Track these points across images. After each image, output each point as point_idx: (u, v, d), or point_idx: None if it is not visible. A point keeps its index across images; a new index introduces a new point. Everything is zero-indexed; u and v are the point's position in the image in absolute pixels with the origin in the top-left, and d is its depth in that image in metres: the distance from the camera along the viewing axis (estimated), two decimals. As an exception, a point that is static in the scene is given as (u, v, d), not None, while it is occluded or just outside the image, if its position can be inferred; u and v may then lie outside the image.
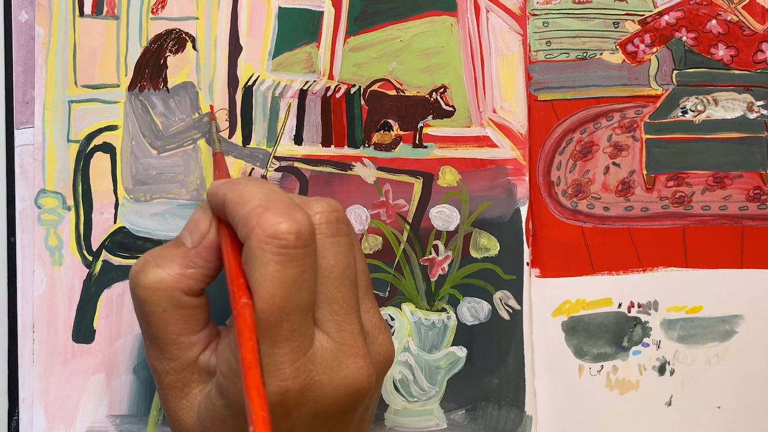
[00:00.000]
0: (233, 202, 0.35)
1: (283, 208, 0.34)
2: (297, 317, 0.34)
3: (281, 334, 0.33)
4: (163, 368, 0.37)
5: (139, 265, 0.37)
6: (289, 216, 0.34)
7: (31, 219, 0.46)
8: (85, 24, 0.47)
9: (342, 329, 0.35)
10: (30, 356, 0.46)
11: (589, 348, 0.47)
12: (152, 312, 0.36)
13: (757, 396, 0.47)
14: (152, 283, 0.36)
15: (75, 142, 0.46)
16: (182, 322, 0.36)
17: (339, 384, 0.35)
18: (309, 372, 0.34)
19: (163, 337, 0.37)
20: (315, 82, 0.47)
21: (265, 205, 0.34)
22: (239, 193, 0.35)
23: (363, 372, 0.36)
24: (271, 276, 0.33)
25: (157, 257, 0.37)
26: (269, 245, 0.33)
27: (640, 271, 0.47)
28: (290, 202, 0.35)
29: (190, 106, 0.47)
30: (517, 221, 0.47)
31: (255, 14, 0.47)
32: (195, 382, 0.37)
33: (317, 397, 0.35)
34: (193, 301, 0.37)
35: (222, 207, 0.36)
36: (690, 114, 0.48)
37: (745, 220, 0.48)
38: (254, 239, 0.33)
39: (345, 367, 0.35)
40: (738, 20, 0.48)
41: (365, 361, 0.36)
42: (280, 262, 0.33)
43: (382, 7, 0.47)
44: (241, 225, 0.34)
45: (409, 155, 0.47)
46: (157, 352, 0.37)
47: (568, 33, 0.48)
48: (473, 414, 0.47)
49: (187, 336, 0.37)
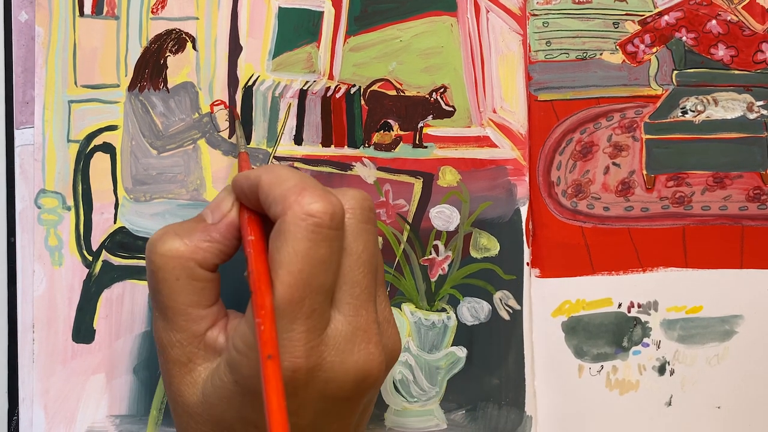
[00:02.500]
0: (269, 182, 0.36)
1: (319, 190, 0.35)
2: (319, 297, 0.34)
3: (302, 311, 0.34)
4: (170, 340, 0.37)
5: (158, 234, 0.38)
6: (325, 198, 0.35)
7: (31, 219, 0.46)
8: (85, 24, 0.47)
9: (359, 314, 0.36)
10: (30, 356, 0.46)
11: (589, 348, 0.47)
12: (165, 279, 0.37)
13: (757, 396, 0.47)
14: (168, 250, 0.37)
15: (75, 142, 0.46)
16: (193, 294, 0.37)
17: (350, 368, 0.35)
18: (321, 352, 0.35)
19: (173, 306, 0.37)
20: (315, 82, 0.47)
21: (303, 185, 0.35)
22: (276, 174, 0.36)
23: (374, 358, 0.36)
24: (302, 252, 0.34)
25: (177, 228, 0.38)
26: (305, 222, 0.34)
27: (640, 271, 0.47)
28: (324, 186, 0.36)
29: (190, 106, 0.47)
30: (517, 221, 0.47)
31: (255, 14, 0.47)
32: (200, 358, 0.37)
33: (327, 378, 0.35)
34: (206, 275, 0.37)
35: (254, 188, 0.36)
36: (690, 114, 0.48)
37: (745, 220, 0.48)
38: (291, 215, 0.34)
39: (357, 352, 0.36)
40: (738, 20, 0.48)
41: (377, 348, 0.36)
42: (313, 240, 0.34)
43: (382, 7, 0.47)
44: (277, 201, 0.35)
45: (409, 155, 0.47)
46: (165, 324, 0.38)
47: (568, 33, 0.48)
48: (473, 414, 0.47)
49: (197, 309, 0.37)
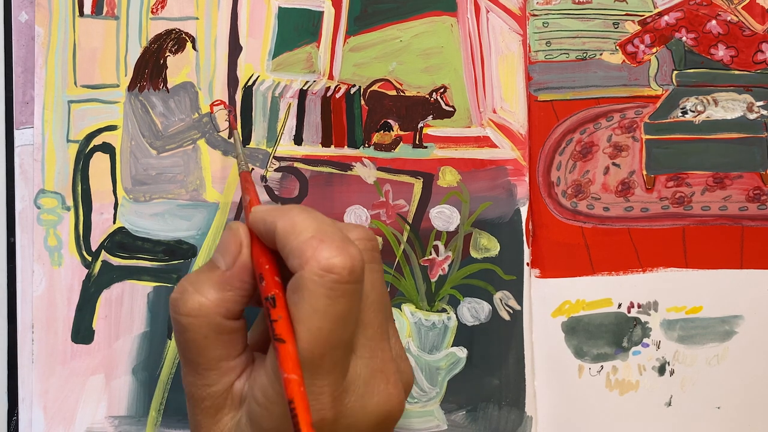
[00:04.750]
0: (285, 231, 0.35)
1: (338, 241, 0.34)
2: (340, 351, 0.34)
3: (323, 367, 0.33)
4: (201, 395, 0.37)
5: (178, 292, 0.37)
6: (344, 250, 0.33)
7: (30, 219, 0.46)
8: (85, 24, 0.47)
9: (375, 355, 0.36)
10: (29, 356, 0.46)
11: (589, 348, 0.47)
12: (193, 339, 0.36)
13: (757, 396, 0.47)
14: (192, 309, 0.36)
15: (74, 142, 0.46)
16: (223, 348, 0.36)
17: (371, 411, 0.35)
18: (343, 400, 0.34)
19: (203, 363, 0.36)
20: (315, 82, 0.47)
21: (321, 237, 0.34)
22: (292, 222, 0.35)
23: (394, 398, 0.36)
24: (321, 310, 0.33)
25: (195, 283, 0.36)
26: (323, 278, 0.33)
27: (639, 271, 0.47)
28: (343, 235, 0.35)
29: (189, 106, 0.47)
30: (517, 221, 0.47)
31: (255, 14, 0.47)
32: (228, 408, 0.37)
33: (350, 424, 0.35)
34: (233, 325, 0.37)
35: (271, 234, 0.35)
36: (690, 114, 0.48)
37: (745, 220, 0.48)
38: (308, 271, 0.33)
39: (377, 394, 0.35)
40: (738, 21, 0.48)
41: (396, 387, 0.36)
42: (331, 297, 0.33)
43: (382, 7, 0.47)
44: (294, 255, 0.34)
45: (409, 155, 0.47)
46: (194, 379, 0.37)
47: (568, 33, 0.48)
48: (473, 415, 0.47)
49: (227, 361, 0.36)
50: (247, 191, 0.41)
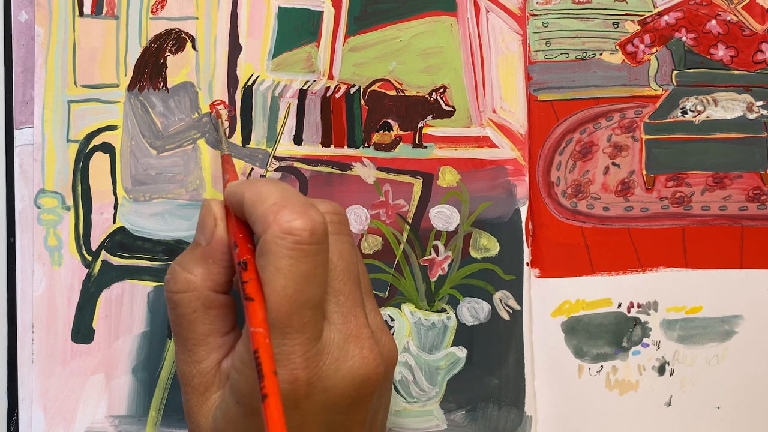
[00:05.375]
0: (251, 200, 0.36)
1: (299, 206, 0.35)
2: (308, 311, 0.35)
3: (292, 326, 0.34)
4: (191, 371, 0.38)
5: (169, 274, 0.39)
6: (304, 213, 0.35)
7: (30, 219, 0.46)
8: (85, 24, 0.47)
9: (348, 321, 0.37)
10: (29, 356, 0.46)
11: (588, 348, 0.47)
12: (184, 314, 0.38)
13: (756, 396, 0.47)
14: (182, 286, 0.38)
15: (74, 142, 0.46)
16: (211, 323, 0.38)
17: (346, 374, 0.36)
18: (317, 362, 0.35)
19: (192, 338, 0.38)
20: (315, 82, 0.47)
21: (282, 203, 0.35)
22: (257, 192, 0.37)
23: (369, 362, 0.36)
24: (284, 269, 0.34)
25: (181, 262, 0.39)
26: (284, 240, 0.34)
27: (639, 271, 0.47)
28: (306, 200, 0.36)
29: (189, 106, 0.47)
30: (517, 221, 0.47)
31: (255, 14, 0.47)
32: (215, 386, 0.38)
33: (326, 387, 0.35)
34: (221, 299, 0.38)
35: (240, 205, 0.37)
36: (690, 114, 0.48)
37: (745, 220, 0.48)
38: (270, 234, 0.35)
39: (351, 358, 0.36)
40: (738, 20, 0.48)
41: (371, 351, 0.37)
42: (294, 257, 0.34)
43: (382, 7, 0.47)
44: (258, 222, 0.36)
45: (409, 155, 0.47)
46: (185, 356, 0.38)
47: (567, 33, 0.48)
48: (473, 415, 0.47)
49: (215, 337, 0.38)
50: (226, 171, 0.42)
